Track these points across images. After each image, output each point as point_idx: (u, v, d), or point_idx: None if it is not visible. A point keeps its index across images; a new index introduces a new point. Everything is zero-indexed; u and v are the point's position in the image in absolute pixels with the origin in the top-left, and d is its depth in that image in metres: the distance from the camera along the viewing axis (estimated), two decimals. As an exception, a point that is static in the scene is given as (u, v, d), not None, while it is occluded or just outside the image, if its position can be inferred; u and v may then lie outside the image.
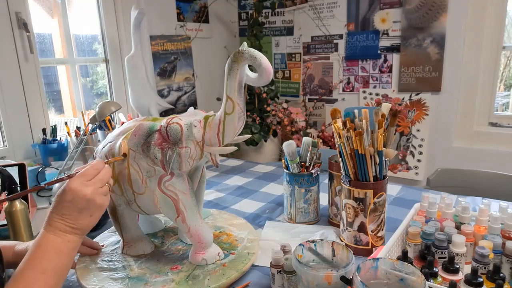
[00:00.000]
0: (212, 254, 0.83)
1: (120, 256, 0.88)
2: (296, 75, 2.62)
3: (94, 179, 0.66)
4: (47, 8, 1.84)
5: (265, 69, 0.70)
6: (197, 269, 0.81)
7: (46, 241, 0.63)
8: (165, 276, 0.79)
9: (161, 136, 0.75)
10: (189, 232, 0.81)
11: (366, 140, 0.82)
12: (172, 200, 0.79)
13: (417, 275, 0.59)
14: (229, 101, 0.73)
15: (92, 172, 0.67)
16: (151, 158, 0.76)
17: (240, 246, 0.89)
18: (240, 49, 0.70)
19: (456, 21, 1.98)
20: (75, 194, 0.63)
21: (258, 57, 0.69)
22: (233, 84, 0.72)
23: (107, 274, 0.81)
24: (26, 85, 1.62)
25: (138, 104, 1.91)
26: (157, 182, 0.78)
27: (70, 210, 0.64)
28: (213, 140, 0.76)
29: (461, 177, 1.46)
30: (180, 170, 0.77)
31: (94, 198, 0.65)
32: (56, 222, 0.64)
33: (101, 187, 0.67)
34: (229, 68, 0.71)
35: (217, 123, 0.75)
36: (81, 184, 0.64)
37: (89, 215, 0.66)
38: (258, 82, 0.73)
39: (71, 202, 0.64)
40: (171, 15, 2.26)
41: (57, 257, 0.63)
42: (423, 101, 2.16)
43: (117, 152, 0.80)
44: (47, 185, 0.68)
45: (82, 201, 0.64)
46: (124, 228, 0.89)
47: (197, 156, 0.77)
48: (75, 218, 0.64)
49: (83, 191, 0.64)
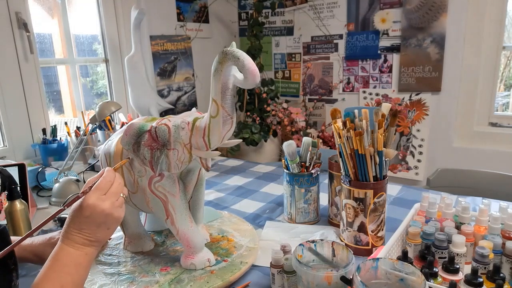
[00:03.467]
0: (202, 259, 0.82)
1: (120, 251, 0.90)
2: (296, 75, 2.62)
3: (109, 192, 0.66)
4: (47, 8, 1.84)
5: (249, 71, 0.66)
6: (184, 273, 0.80)
7: (65, 254, 0.63)
8: (152, 277, 0.79)
9: (151, 136, 0.75)
10: (178, 234, 0.81)
11: (366, 140, 0.82)
12: (161, 201, 0.79)
13: (417, 275, 0.59)
14: (213, 104, 0.70)
15: (106, 186, 0.67)
16: (140, 158, 0.76)
17: (235, 254, 0.87)
18: (224, 49, 0.67)
19: (456, 21, 1.98)
20: (93, 210, 0.64)
21: (241, 57, 0.65)
22: (217, 86, 0.69)
23: (101, 268, 0.82)
24: (26, 85, 1.62)
25: (138, 104, 1.91)
26: (147, 182, 0.78)
27: (88, 225, 0.64)
28: (200, 143, 0.74)
29: (461, 177, 1.46)
30: (169, 172, 0.76)
31: (112, 213, 0.65)
32: (74, 235, 0.64)
33: (117, 199, 0.67)
34: (214, 69, 0.68)
35: (203, 126, 0.73)
36: (98, 199, 0.64)
37: (106, 228, 0.66)
38: (244, 84, 0.69)
39: (89, 217, 0.64)
40: (171, 15, 2.26)
41: (76, 270, 0.63)
42: (423, 101, 2.16)
43: (112, 151, 0.81)
44: (66, 206, 0.67)
45: (100, 216, 0.64)
46: (125, 224, 0.90)
47: (186, 159, 0.76)
48: (93, 232, 0.64)
49: (101, 206, 0.64)
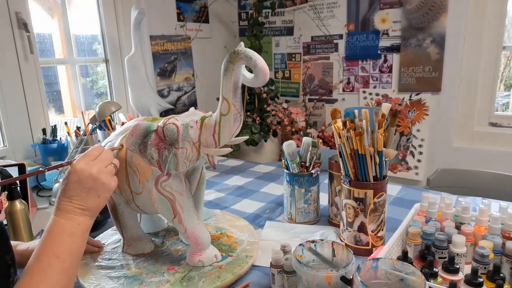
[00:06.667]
0: (209, 256, 0.83)
1: (120, 254, 0.89)
2: (296, 75, 2.62)
3: (98, 158, 0.68)
4: (47, 8, 1.84)
5: (261, 70, 0.69)
6: (193, 271, 0.81)
7: (57, 225, 0.63)
8: (160, 277, 0.79)
9: (157, 136, 0.75)
10: (186, 233, 0.81)
11: (366, 140, 0.82)
12: (168, 201, 0.79)
13: (417, 275, 0.59)
14: (224, 102, 0.72)
15: (94, 153, 0.68)
16: (147, 158, 0.76)
17: (239, 249, 0.89)
18: (236, 49, 0.69)
19: (456, 21, 1.98)
20: (81, 174, 0.64)
21: (254, 57, 0.68)
22: (229, 85, 0.71)
23: (105, 272, 0.81)
24: (26, 85, 1.62)
25: (138, 104, 1.91)
26: (154, 182, 0.78)
27: (77, 191, 0.64)
28: (209, 141, 0.76)
29: (461, 177, 1.46)
30: (177, 171, 0.77)
31: (100, 177, 0.65)
32: (64, 205, 0.64)
33: (106, 166, 0.68)
34: (225, 69, 0.70)
35: (213, 124, 0.75)
36: (86, 163, 0.65)
37: (97, 196, 0.66)
38: (254, 82, 0.72)
39: (77, 182, 0.64)
40: (171, 15, 2.26)
41: (70, 240, 0.63)
42: (423, 101, 2.16)
43: (115, 151, 0.81)
44: (47, 170, 0.68)
45: (88, 180, 0.64)
46: (124, 227, 0.89)
47: (194, 157, 0.77)
48: (83, 199, 0.64)
49: (89, 170, 0.65)
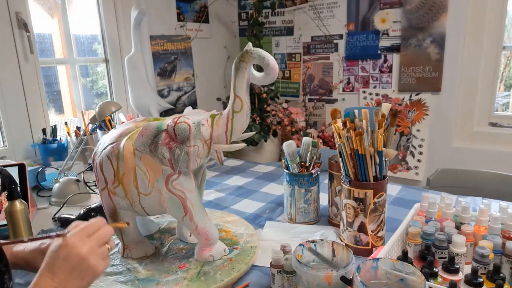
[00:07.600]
0: (219, 250, 0.85)
1: (121, 260, 0.88)
2: (296, 75, 2.62)
3: (94, 235, 0.61)
4: (47, 8, 1.84)
5: (273, 68, 0.75)
6: (205, 266, 0.82)
7: None
8: (175, 275, 0.79)
9: (168, 135, 0.76)
10: (197, 229, 0.82)
11: (366, 140, 0.82)
12: (179, 199, 0.80)
13: (417, 275, 0.59)
14: (237, 99, 0.76)
15: (92, 229, 0.62)
16: (159, 157, 0.77)
17: (241, 241, 0.92)
18: (248, 49, 0.75)
19: (456, 21, 1.98)
20: (70, 251, 0.58)
21: (266, 57, 0.74)
22: (242, 83, 0.76)
23: (113, 278, 0.80)
24: (26, 85, 1.62)
25: (138, 104, 1.91)
26: (164, 182, 0.79)
27: (61, 269, 0.57)
28: (221, 138, 0.79)
29: (461, 177, 1.46)
30: (188, 169, 0.78)
31: (88, 258, 0.58)
32: (44, 279, 0.57)
33: (100, 246, 0.61)
34: (237, 68, 0.75)
35: (225, 121, 0.78)
36: (80, 240, 0.59)
37: (80, 278, 0.58)
38: (263, 80, 0.78)
39: (64, 259, 0.58)
40: (171, 15, 2.26)
41: None
42: (423, 101, 2.16)
43: (121, 152, 0.79)
44: (29, 240, 0.63)
45: (75, 259, 0.58)
46: (124, 231, 0.88)
47: (204, 154, 0.80)
48: (64, 280, 0.57)
49: (79, 248, 0.58)
